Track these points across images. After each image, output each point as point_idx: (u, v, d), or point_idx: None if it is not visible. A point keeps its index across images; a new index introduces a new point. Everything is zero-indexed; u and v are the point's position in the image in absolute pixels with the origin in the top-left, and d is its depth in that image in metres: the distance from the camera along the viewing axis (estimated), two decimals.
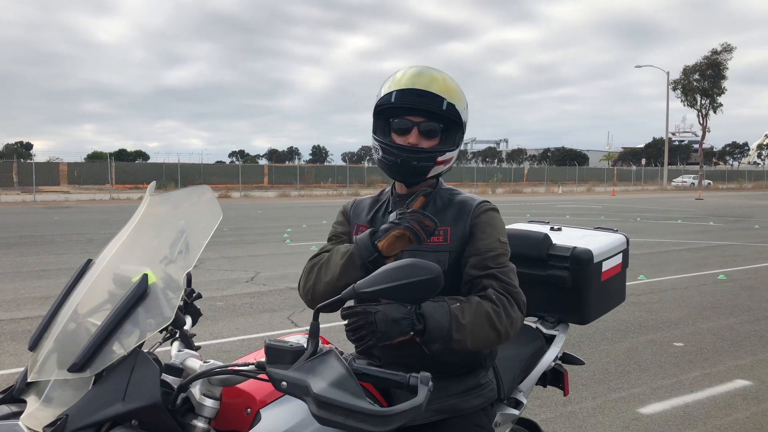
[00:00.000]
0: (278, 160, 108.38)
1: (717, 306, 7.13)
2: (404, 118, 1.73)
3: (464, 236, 1.76)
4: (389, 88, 1.73)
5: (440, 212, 1.80)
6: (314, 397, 1.11)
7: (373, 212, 1.91)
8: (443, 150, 1.75)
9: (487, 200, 1.83)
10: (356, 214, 1.94)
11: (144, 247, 1.46)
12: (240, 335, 5.75)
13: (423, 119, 1.72)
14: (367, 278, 1.33)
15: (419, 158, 1.72)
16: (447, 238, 1.76)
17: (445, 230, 1.76)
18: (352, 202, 2.00)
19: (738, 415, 4.06)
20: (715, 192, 45.42)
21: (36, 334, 1.32)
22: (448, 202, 1.83)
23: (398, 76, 1.75)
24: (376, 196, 1.99)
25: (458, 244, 1.75)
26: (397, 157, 1.72)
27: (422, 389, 1.17)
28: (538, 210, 21.65)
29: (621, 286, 2.61)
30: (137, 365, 1.21)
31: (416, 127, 1.73)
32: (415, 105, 1.70)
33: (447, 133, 1.77)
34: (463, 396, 1.79)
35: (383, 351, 1.77)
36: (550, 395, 4.24)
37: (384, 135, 1.78)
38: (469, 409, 1.79)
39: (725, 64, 51.38)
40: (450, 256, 1.75)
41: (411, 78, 1.71)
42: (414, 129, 1.73)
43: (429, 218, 1.60)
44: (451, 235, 1.76)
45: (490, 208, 1.81)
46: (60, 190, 37.49)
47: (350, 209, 1.97)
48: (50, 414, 1.18)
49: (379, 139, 1.76)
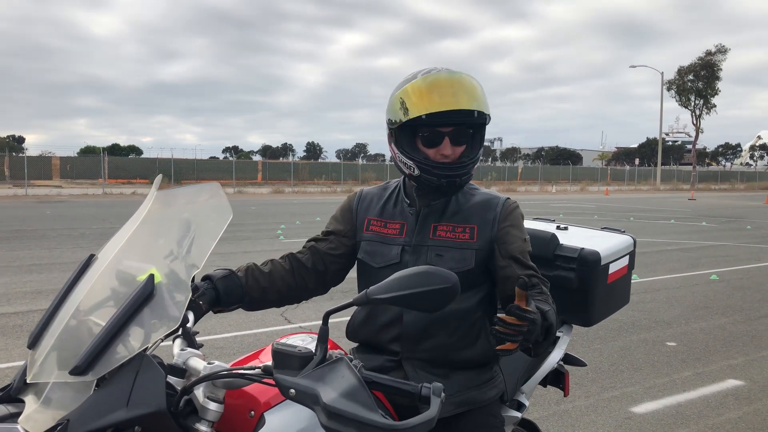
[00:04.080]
0: (272, 156, 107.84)
1: (709, 306, 7.16)
2: (435, 129, 1.69)
3: (492, 236, 1.76)
4: (420, 108, 1.64)
5: (463, 210, 1.79)
6: (324, 407, 1.08)
7: (382, 203, 1.88)
8: (476, 156, 1.74)
9: (509, 197, 1.83)
10: (365, 208, 1.90)
11: (149, 244, 1.42)
12: (233, 331, 5.73)
13: (453, 128, 1.69)
14: (381, 284, 1.29)
15: (461, 174, 1.71)
16: (474, 236, 1.76)
17: (471, 228, 1.76)
18: (359, 195, 1.94)
19: (730, 414, 4.09)
20: (708, 192, 45.61)
21: (36, 331, 1.29)
22: (470, 198, 1.82)
23: (427, 93, 1.65)
24: (382, 186, 1.96)
25: (485, 243, 1.75)
26: (441, 178, 1.69)
27: (435, 401, 1.14)
28: (531, 209, 21.63)
29: (626, 288, 2.59)
30: (142, 369, 1.18)
31: (447, 137, 1.69)
32: (449, 121, 1.66)
33: (475, 136, 1.75)
34: (481, 388, 1.80)
35: (402, 345, 1.75)
36: (544, 394, 4.25)
37: (412, 149, 1.71)
38: (486, 400, 1.81)
39: (719, 65, 51.61)
40: (477, 255, 1.75)
41: (443, 97, 1.64)
42: (446, 140, 1.69)
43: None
44: (478, 234, 1.76)
45: (515, 207, 1.82)
46: (52, 184, 37.21)
47: (357, 203, 1.92)
48: (50, 417, 1.15)
49: (411, 156, 1.70)
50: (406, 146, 1.72)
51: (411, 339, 1.75)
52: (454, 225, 1.77)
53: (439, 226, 1.78)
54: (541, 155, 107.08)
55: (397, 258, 1.77)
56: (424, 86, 1.66)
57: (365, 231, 1.86)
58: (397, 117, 1.70)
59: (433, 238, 1.76)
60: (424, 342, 1.74)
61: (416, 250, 1.76)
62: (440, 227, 1.77)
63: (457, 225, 1.77)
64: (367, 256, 1.84)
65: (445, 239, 1.76)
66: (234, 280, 1.73)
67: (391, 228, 1.82)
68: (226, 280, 1.71)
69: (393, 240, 1.80)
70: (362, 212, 1.89)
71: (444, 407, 1.69)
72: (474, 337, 1.78)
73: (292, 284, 1.86)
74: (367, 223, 1.86)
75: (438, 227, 1.77)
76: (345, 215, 1.92)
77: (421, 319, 1.73)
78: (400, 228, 1.81)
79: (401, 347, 1.76)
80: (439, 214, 1.79)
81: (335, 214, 1.96)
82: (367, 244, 1.85)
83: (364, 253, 1.85)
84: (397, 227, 1.82)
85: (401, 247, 1.78)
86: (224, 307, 1.72)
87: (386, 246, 1.81)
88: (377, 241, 1.83)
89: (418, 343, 1.74)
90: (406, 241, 1.78)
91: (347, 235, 1.90)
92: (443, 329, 1.74)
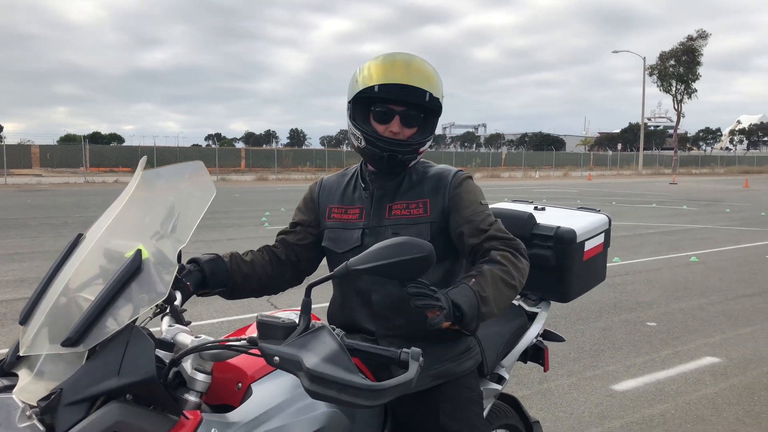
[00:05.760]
0: (256, 143, 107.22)
1: (689, 287, 7.30)
2: (387, 106, 1.74)
3: (444, 208, 1.81)
4: (373, 79, 1.72)
5: (417, 186, 1.84)
6: (307, 371, 1.12)
7: (342, 190, 1.92)
8: (424, 141, 1.79)
9: (461, 169, 1.88)
10: (326, 196, 1.94)
11: (136, 222, 1.45)
12: (219, 317, 5.76)
13: (404, 108, 1.74)
14: (360, 256, 1.34)
15: (404, 151, 1.76)
16: (427, 209, 1.81)
17: (424, 202, 1.81)
18: (319, 185, 1.99)
19: (707, 390, 4.20)
20: (689, 177, 46.13)
21: (26, 308, 1.31)
22: (423, 175, 1.87)
23: (381, 67, 1.74)
24: (341, 173, 2.00)
25: (438, 215, 1.80)
26: (383, 150, 1.74)
27: (413, 364, 1.20)
28: (515, 194, 21.81)
29: (602, 265, 2.67)
30: (132, 340, 1.22)
31: (398, 116, 1.75)
32: (400, 97, 1.71)
33: (426, 121, 1.80)
34: (456, 360, 1.86)
35: (376, 324, 1.81)
36: (528, 373, 4.34)
37: (364, 122, 1.78)
38: (462, 371, 1.87)
39: (700, 50, 51.96)
40: (432, 227, 1.79)
41: (396, 71, 1.71)
42: (396, 117, 1.75)
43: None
44: (431, 207, 1.81)
45: (465, 177, 1.86)
46: (32, 173, 36.69)
47: (318, 192, 1.97)
48: (43, 387, 1.18)
49: (361, 128, 1.76)
50: (359, 119, 1.78)
51: (383, 317, 1.80)
52: (407, 202, 1.82)
53: (394, 206, 1.82)
54: (525, 141, 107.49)
55: (358, 242, 1.81)
56: (380, 61, 1.75)
57: (327, 219, 1.90)
58: (353, 90, 1.76)
59: (389, 218, 1.81)
60: (396, 319, 1.79)
61: (374, 231, 1.80)
62: (395, 206, 1.82)
63: (410, 201, 1.82)
64: (331, 242, 1.88)
65: (400, 217, 1.81)
66: (220, 265, 1.79)
67: (351, 213, 1.87)
68: (212, 264, 1.77)
69: (354, 225, 1.85)
70: (324, 201, 1.94)
71: (422, 380, 1.76)
72: None
73: (270, 274, 1.92)
74: (329, 211, 1.91)
75: (393, 207, 1.82)
76: (308, 205, 1.97)
77: (388, 297, 1.78)
78: (360, 212, 1.86)
79: (375, 326, 1.81)
80: (392, 194, 1.84)
81: (299, 206, 2.00)
82: (330, 232, 1.89)
83: (328, 240, 1.90)
84: (356, 212, 1.86)
85: (361, 230, 1.83)
86: (210, 290, 1.77)
87: (348, 231, 1.85)
88: (339, 227, 1.87)
89: (390, 320, 1.80)
90: (366, 225, 1.83)
91: (312, 224, 1.95)
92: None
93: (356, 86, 1.76)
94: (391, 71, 1.71)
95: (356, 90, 1.75)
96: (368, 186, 1.86)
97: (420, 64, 1.75)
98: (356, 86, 1.76)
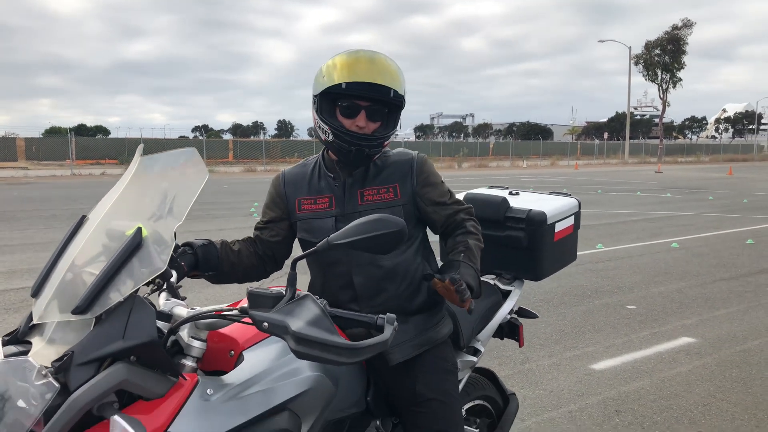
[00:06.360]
0: (243, 134, 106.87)
1: (669, 272, 7.50)
2: (353, 101, 1.84)
3: (413, 190, 1.96)
4: (339, 77, 1.80)
5: (382, 171, 1.97)
6: (293, 334, 1.26)
7: (307, 180, 2.02)
8: (388, 134, 1.91)
9: (418, 152, 2.04)
10: (292, 189, 2.02)
11: (135, 204, 1.58)
12: (210, 305, 5.86)
13: (369, 103, 1.85)
14: (340, 232, 1.47)
15: (371, 146, 1.87)
16: (397, 193, 1.95)
17: (394, 187, 1.95)
18: (283, 179, 2.06)
19: (681, 368, 4.38)
20: (674, 165, 46.61)
21: (37, 282, 1.44)
22: (386, 161, 1.99)
23: (346, 64, 1.83)
24: (302, 164, 2.09)
25: (408, 198, 1.96)
26: (351, 145, 1.85)
27: (388, 328, 1.34)
28: (503, 184, 21.99)
29: (573, 245, 2.82)
30: (135, 308, 1.34)
31: (364, 111, 1.85)
32: (365, 94, 1.82)
33: (390, 116, 1.92)
34: (435, 329, 2.02)
35: (360, 304, 1.93)
36: (509, 354, 4.50)
37: (331, 116, 1.86)
38: (440, 338, 2.03)
39: (685, 39, 52.25)
40: (404, 209, 1.94)
41: (361, 69, 1.81)
42: (362, 112, 1.85)
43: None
44: (401, 191, 1.95)
45: (425, 159, 2.03)
46: (18, 166, 36.46)
47: (283, 186, 2.04)
48: (54, 351, 1.30)
49: (329, 122, 1.85)
50: (326, 114, 1.88)
51: (366, 297, 1.94)
52: (378, 187, 1.95)
53: (365, 192, 1.95)
54: (512, 131, 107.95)
55: (333, 228, 1.91)
56: (347, 59, 1.85)
57: (298, 211, 2.00)
58: (321, 85, 1.86)
59: (362, 203, 1.93)
60: (378, 297, 1.94)
61: (348, 218, 1.89)
62: (366, 192, 1.94)
63: (381, 186, 1.95)
64: (306, 233, 1.99)
65: (373, 202, 1.93)
66: (211, 250, 1.92)
67: (320, 203, 1.98)
68: (205, 249, 1.90)
69: (325, 213, 1.96)
70: (291, 194, 2.02)
71: (406, 350, 1.92)
72: (419, 284, 1.98)
73: (255, 264, 2.05)
74: (298, 203, 2.01)
75: (364, 193, 1.94)
76: (275, 201, 2.06)
77: (370, 278, 1.93)
78: (329, 201, 1.96)
79: (359, 306, 1.94)
80: (362, 181, 1.96)
81: (267, 203, 2.09)
82: (303, 223, 2.00)
83: (303, 232, 2.00)
84: (326, 201, 1.97)
85: (334, 218, 1.94)
86: (201, 272, 1.91)
87: (321, 220, 1.96)
88: (311, 218, 1.98)
89: (372, 299, 1.94)
90: (338, 212, 1.94)
91: (282, 219, 2.05)
92: (391, 283, 1.94)
93: (323, 82, 1.85)
94: (357, 69, 1.81)
95: (324, 86, 1.84)
96: (338, 175, 1.97)
97: (384, 62, 1.86)
98: (323, 82, 1.85)
